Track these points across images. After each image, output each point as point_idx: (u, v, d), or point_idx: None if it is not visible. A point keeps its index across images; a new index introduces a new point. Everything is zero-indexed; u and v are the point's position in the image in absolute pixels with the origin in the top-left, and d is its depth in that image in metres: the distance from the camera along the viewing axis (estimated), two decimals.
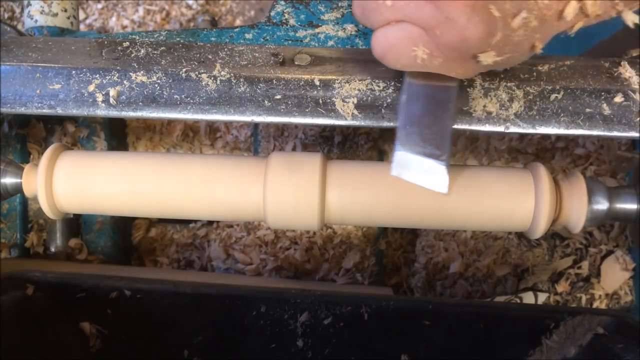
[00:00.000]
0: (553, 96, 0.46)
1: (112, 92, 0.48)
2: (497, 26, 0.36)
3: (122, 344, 0.57)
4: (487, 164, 0.73)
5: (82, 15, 1.24)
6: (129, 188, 0.47)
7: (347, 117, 0.46)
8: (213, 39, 0.55)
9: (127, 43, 0.51)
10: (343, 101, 0.47)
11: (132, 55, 0.50)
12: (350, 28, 0.52)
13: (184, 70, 0.48)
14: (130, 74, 0.48)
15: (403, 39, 0.39)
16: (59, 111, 0.48)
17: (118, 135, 0.75)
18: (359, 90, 0.47)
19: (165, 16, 1.22)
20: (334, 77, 0.47)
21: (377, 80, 0.47)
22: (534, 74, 0.47)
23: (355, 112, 0.46)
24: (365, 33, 0.52)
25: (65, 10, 0.61)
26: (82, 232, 0.73)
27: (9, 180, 0.49)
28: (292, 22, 0.54)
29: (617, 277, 0.68)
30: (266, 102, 0.47)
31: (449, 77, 0.42)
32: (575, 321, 0.52)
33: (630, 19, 0.37)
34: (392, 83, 0.47)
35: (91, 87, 0.48)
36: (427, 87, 0.43)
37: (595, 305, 0.69)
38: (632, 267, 0.68)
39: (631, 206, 0.47)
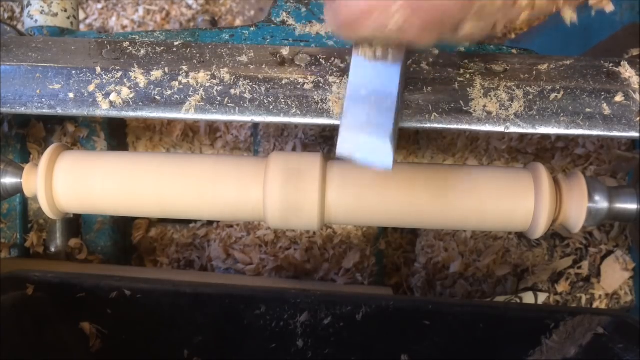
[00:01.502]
0: (553, 96, 0.46)
1: (113, 93, 0.48)
2: None
3: (122, 344, 0.57)
4: (487, 164, 0.73)
5: (82, 15, 1.24)
6: (129, 188, 0.47)
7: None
8: (213, 39, 0.55)
9: (127, 43, 0.51)
10: (343, 101, 0.47)
11: (132, 55, 0.50)
12: None
13: (183, 70, 0.48)
14: (130, 74, 0.48)
15: (375, 4, 0.36)
16: (59, 111, 0.48)
17: (118, 135, 0.75)
18: None
19: (165, 16, 1.22)
20: (334, 77, 0.47)
21: None
22: (534, 73, 0.47)
23: None
24: None
25: (65, 10, 0.61)
26: (82, 232, 0.73)
27: (9, 180, 0.49)
28: (292, 22, 0.54)
29: (617, 277, 0.68)
30: (266, 102, 0.47)
31: (397, 53, 0.40)
32: (575, 321, 0.52)
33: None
34: None
35: (91, 87, 0.48)
36: (374, 65, 0.42)
37: (595, 305, 0.69)
38: (632, 267, 0.68)
39: (631, 206, 0.47)
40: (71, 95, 0.48)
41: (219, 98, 0.47)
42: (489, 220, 0.46)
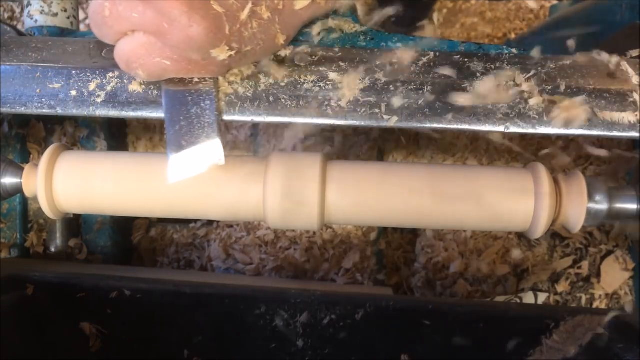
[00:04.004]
0: (553, 96, 0.46)
1: (113, 93, 0.48)
2: (223, 21, 0.37)
3: (122, 344, 0.57)
4: (487, 164, 0.73)
5: (82, 15, 1.24)
6: (129, 188, 0.47)
7: (347, 117, 0.46)
8: None
9: None
10: (343, 101, 0.47)
11: None
12: (351, 28, 0.52)
13: None
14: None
15: (138, 48, 0.39)
16: (59, 111, 0.48)
17: (118, 135, 0.76)
18: (359, 90, 0.47)
19: None
20: (334, 77, 0.47)
21: (378, 81, 0.47)
22: (534, 73, 0.47)
23: (356, 112, 0.46)
24: (365, 33, 0.51)
25: (65, 10, 0.61)
26: (82, 232, 0.73)
27: (9, 180, 0.49)
28: None
29: (617, 277, 0.68)
30: (266, 101, 0.47)
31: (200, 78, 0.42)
32: (575, 321, 0.52)
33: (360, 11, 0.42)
34: (393, 83, 0.47)
35: (91, 87, 0.48)
36: (182, 91, 0.44)
37: (595, 305, 0.69)
38: (632, 267, 0.68)
39: (631, 206, 0.47)
40: (71, 95, 0.48)
41: None
42: (488, 220, 0.46)
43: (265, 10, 0.39)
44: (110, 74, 0.48)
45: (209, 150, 0.44)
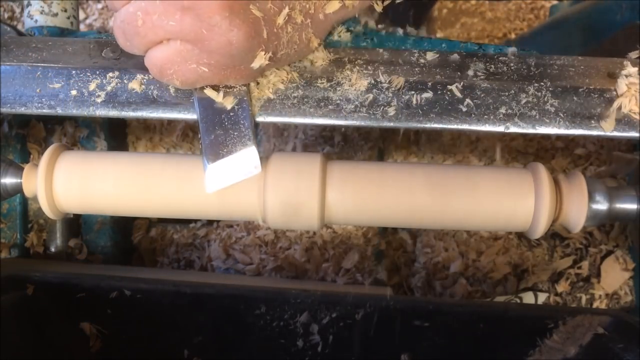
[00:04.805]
0: (553, 96, 0.46)
1: (113, 93, 0.48)
2: (262, 25, 0.37)
3: (122, 344, 0.57)
4: (487, 164, 0.73)
5: (82, 15, 1.25)
6: (129, 188, 0.47)
7: (347, 117, 0.46)
8: None
9: None
10: (343, 101, 0.47)
11: (132, 55, 0.50)
12: (355, 29, 0.52)
13: None
14: (130, 74, 0.48)
15: (173, 56, 0.38)
16: (59, 111, 0.48)
17: (118, 135, 0.75)
18: (360, 90, 0.47)
19: None
20: (334, 77, 0.47)
21: (378, 81, 0.47)
22: (534, 73, 0.47)
23: (356, 112, 0.46)
24: (366, 33, 0.51)
25: (65, 10, 0.61)
26: (82, 232, 0.73)
27: (9, 180, 0.49)
28: None
29: (617, 277, 0.68)
30: (266, 101, 0.47)
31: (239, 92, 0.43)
32: (575, 321, 0.52)
33: (380, 7, 0.42)
34: (394, 84, 0.47)
35: (91, 87, 0.48)
36: (219, 106, 0.44)
37: (595, 305, 0.69)
38: (632, 267, 0.68)
39: (631, 206, 0.47)
40: (71, 95, 0.48)
41: None
42: (489, 220, 0.46)
43: (299, 14, 0.39)
44: (110, 74, 0.48)
45: (246, 158, 0.44)
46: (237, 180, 0.44)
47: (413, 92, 0.46)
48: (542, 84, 0.46)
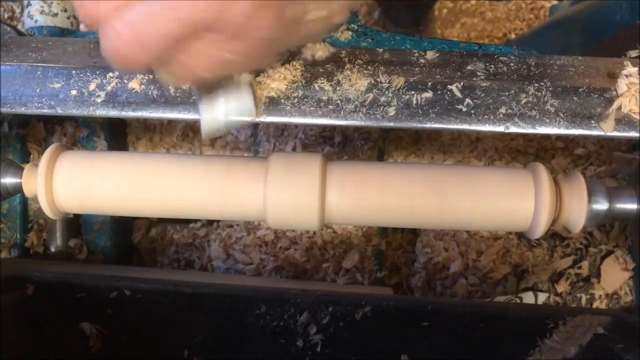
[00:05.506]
0: (553, 96, 0.46)
1: (113, 93, 0.48)
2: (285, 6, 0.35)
3: (122, 344, 0.57)
4: (487, 164, 0.73)
5: None
6: (129, 188, 0.47)
7: (347, 117, 0.46)
8: None
9: None
10: (343, 101, 0.47)
11: None
12: (352, 28, 0.52)
13: None
14: (130, 73, 0.48)
15: (207, 48, 0.35)
16: (59, 111, 0.48)
17: (118, 135, 0.75)
18: (360, 90, 0.47)
19: None
20: (334, 77, 0.47)
21: (378, 81, 0.47)
22: (534, 73, 0.47)
23: (356, 112, 0.46)
24: (366, 33, 0.51)
25: (65, 10, 0.61)
26: (82, 232, 0.73)
27: (9, 180, 0.49)
28: None
29: (617, 277, 0.68)
30: (266, 101, 0.47)
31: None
32: (575, 321, 0.52)
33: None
34: (394, 84, 0.47)
35: (91, 87, 0.48)
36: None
37: (595, 305, 0.69)
38: (632, 267, 0.68)
39: (631, 206, 0.47)
40: (71, 95, 0.48)
41: None
42: (489, 220, 0.46)
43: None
44: (110, 74, 0.48)
45: (241, 102, 0.44)
46: (231, 119, 0.44)
47: (413, 92, 0.46)
48: (542, 84, 0.46)
